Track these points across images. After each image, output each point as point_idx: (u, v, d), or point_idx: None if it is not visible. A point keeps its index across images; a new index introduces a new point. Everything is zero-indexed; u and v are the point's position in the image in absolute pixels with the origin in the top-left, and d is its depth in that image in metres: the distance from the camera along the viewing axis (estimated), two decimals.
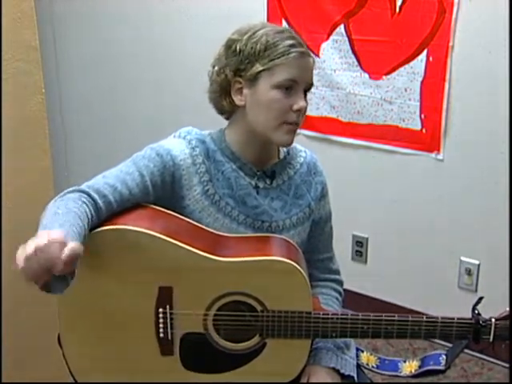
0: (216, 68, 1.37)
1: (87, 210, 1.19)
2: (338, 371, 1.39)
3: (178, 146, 1.35)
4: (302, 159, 1.49)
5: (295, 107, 1.31)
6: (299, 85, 1.31)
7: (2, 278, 1.86)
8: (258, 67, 1.29)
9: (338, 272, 1.58)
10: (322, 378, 1.37)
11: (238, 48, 1.31)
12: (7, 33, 1.77)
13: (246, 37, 1.31)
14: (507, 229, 2.29)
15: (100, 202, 1.22)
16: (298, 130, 1.33)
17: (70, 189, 1.23)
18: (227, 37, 1.36)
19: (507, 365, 2.35)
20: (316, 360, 1.39)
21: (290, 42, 1.29)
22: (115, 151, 1.83)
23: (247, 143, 1.38)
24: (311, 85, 1.36)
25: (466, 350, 2.39)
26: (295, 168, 1.47)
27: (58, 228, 1.08)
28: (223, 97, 1.37)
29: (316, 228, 1.50)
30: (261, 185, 1.41)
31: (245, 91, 1.33)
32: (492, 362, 2.43)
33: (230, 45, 1.34)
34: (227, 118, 1.42)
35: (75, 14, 3.20)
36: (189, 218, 1.34)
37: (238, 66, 1.32)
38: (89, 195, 1.21)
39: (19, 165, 1.88)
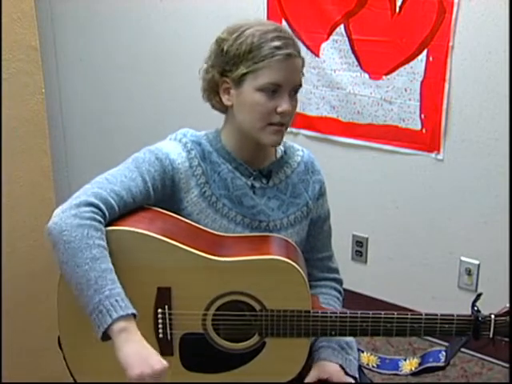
0: (206, 66, 1.37)
1: (104, 240, 1.22)
2: (343, 370, 1.40)
3: (174, 149, 1.35)
4: (300, 158, 1.48)
5: (279, 110, 1.30)
6: (284, 87, 1.30)
7: (2, 278, 1.86)
8: (243, 69, 1.29)
9: (337, 271, 1.58)
10: (337, 372, 1.38)
11: (224, 48, 1.31)
12: (7, 33, 1.77)
13: (233, 37, 1.30)
14: (507, 229, 2.28)
15: (107, 213, 1.24)
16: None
17: (80, 200, 1.22)
18: (217, 35, 1.35)
19: (507, 365, 2.35)
20: (324, 356, 1.40)
21: (276, 43, 1.27)
22: (115, 151, 1.83)
23: (241, 143, 1.38)
24: (299, 85, 1.34)
25: (466, 350, 2.41)
26: (292, 167, 1.47)
27: (112, 286, 1.17)
28: (212, 95, 1.38)
29: (314, 227, 1.51)
30: (257, 184, 1.41)
31: (232, 91, 1.33)
32: (492, 362, 2.43)
33: (218, 44, 1.33)
34: (223, 112, 1.42)
35: (75, 14, 3.20)
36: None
37: (223, 66, 1.32)
38: (99, 209, 1.22)
39: (19, 165, 1.88)
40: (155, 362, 1.15)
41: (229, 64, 1.31)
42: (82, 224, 1.19)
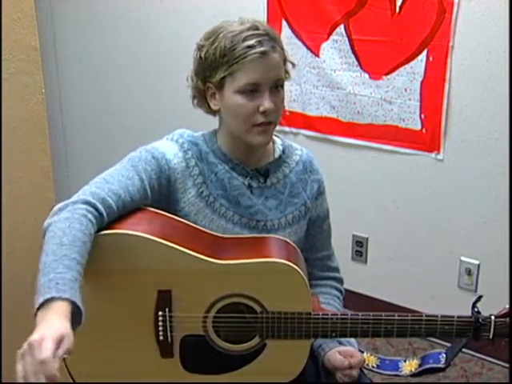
0: (191, 74, 1.38)
1: (92, 230, 1.17)
2: None
3: (171, 149, 1.35)
4: (298, 157, 1.48)
5: (261, 109, 1.30)
6: (263, 86, 1.29)
7: (2, 278, 1.86)
8: (220, 74, 1.29)
9: (337, 270, 1.58)
10: (354, 351, 1.39)
11: (202, 55, 1.32)
12: (7, 33, 1.77)
13: (208, 43, 1.31)
14: (507, 229, 2.28)
15: (105, 213, 1.22)
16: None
17: (77, 199, 1.21)
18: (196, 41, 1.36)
19: (507, 365, 2.35)
20: (331, 346, 1.41)
21: (248, 42, 1.27)
22: (115, 151, 1.82)
23: (234, 144, 1.38)
24: (280, 80, 1.33)
25: (466, 350, 2.40)
26: (290, 166, 1.46)
27: (61, 270, 1.06)
28: (201, 102, 1.39)
29: (313, 226, 1.51)
30: (254, 184, 1.41)
31: (216, 96, 1.34)
32: (492, 362, 2.43)
33: (197, 51, 1.35)
34: (215, 116, 1.42)
35: (75, 13, 3.20)
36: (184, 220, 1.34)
37: (204, 73, 1.33)
38: (95, 208, 1.21)
39: (19, 165, 1.88)
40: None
41: (208, 70, 1.32)
42: (69, 217, 1.16)
